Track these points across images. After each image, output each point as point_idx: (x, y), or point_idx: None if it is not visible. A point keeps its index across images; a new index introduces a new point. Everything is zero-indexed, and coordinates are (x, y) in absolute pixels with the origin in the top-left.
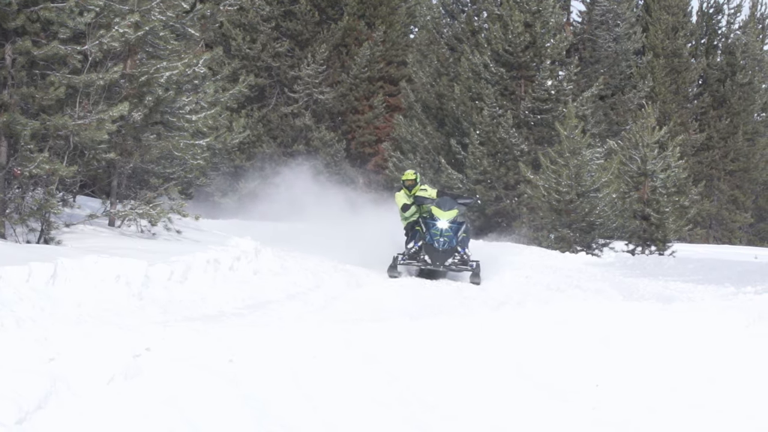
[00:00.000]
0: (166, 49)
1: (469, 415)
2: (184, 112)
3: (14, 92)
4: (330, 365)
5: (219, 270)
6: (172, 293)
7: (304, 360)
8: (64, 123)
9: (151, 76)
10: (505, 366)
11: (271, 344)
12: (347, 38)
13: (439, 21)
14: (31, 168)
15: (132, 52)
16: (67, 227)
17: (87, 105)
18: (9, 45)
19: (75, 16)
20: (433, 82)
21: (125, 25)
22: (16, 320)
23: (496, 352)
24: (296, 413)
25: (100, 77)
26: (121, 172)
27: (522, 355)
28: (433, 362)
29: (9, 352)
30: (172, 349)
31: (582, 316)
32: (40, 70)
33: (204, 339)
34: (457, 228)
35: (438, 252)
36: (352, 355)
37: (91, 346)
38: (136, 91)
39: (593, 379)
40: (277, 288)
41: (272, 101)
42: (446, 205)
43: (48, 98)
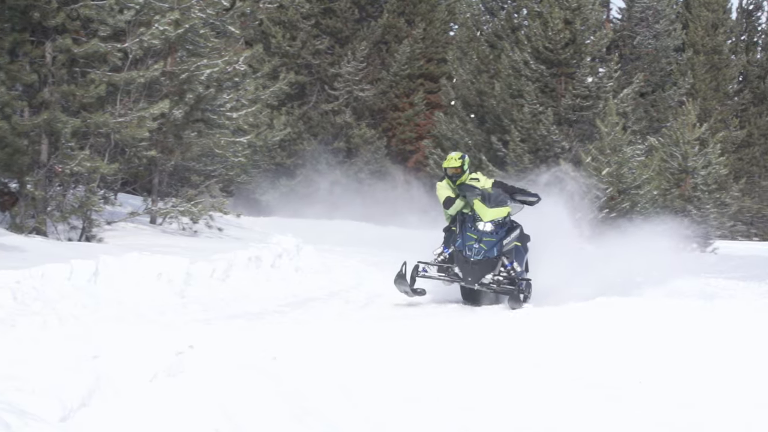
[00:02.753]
0: (206, 46)
1: (516, 414)
2: (224, 110)
3: (55, 90)
4: (371, 363)
5: (261, 267)
6: (213, 291)
7: (345, 358)
8: (104, 121)
9: (191, 73)
10: (550, 365)
11: (314, 342)
12: (387, 35)
13: (478, 18)
14: (72, 166)
15: (172, 50)
16: (108, 225)
17: (128, 103)
18: (49, 43)
19: (115, 14)
20: (474, 79)
21: (165, 23)
22: (59, 318)
23: (541, 351)
24: (338, 411)
25: (140, 75)
26: (162, 170)
27: (566, 353)
28: (474, 360)
29: (53, 349)
30: (215, 346)
31: (624, 313)
32: (80, 68)
33: (247, 337)
34: (504, 233)
35: (469, 264)
36: (393, 353)
37: (135, 343)
38: (177, 88)
39: (636, 376)
40: (319, 285)
41: (313, 98)
42: (494, 199)
43: (88, 96)
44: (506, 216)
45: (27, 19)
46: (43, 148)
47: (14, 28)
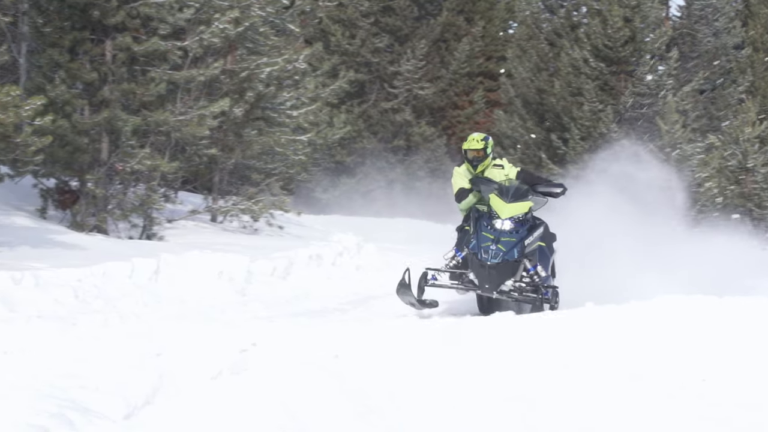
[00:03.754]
0: (266, 44)
1: (578, 412)
2: (284, 108)
3: (115, 88)
4: (433, 362)
5: (321, 266)
6: (274, 289)
7: (407, 356)
8: (165, 119)
9: (251, 71)
10: (612, 363)
11: (375, 340)
12: (446, 33)
13: (538, 16)
14: (132, 164)
15: (232, 48)
16: (169, 223)
17: (188, 101)
18: (109, 41)
19: (175, 12)
20: (533, 77)
21: (225, 21)
22: (120, 316)
23: (600, 350)
24: (399, 410)
25: (200, 73)
26: (223, 168)
27: (627, 351)
28: (536, 359)
29: (115, 347)
30: (278, 344)
31: (686, 311)
32: (140, 66)
33: (309, 334)
34: (526, 231)
35: (486, 269)
36: (454, 352)
37: (197, 341)
38: (237, 86)
39: (700, 374)
40: (380, 284)
41: (372, 97)
42: (513, 192)
43: (149, 94)
44: (528, 212)
45: (87, 17)
46: (104, 146)
47: (74, 26)
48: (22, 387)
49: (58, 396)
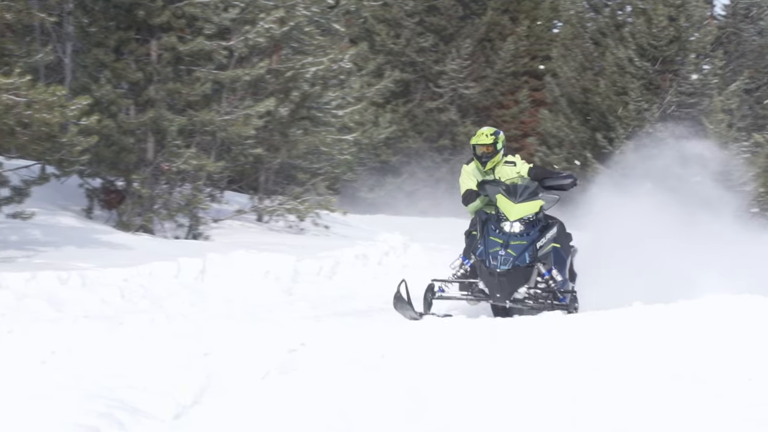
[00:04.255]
0: (311, 44)
1: (623, 411)
2: (330, 108)
3: (160, 88)
4: (481, 361)
5: (368, 265)
6: (320, 288)
7: (454, 356)
8: (210, 119)
9: (296, 71)
10: (658, 363)
11: (422, 339)
12: (491, 33)
13: (582, 15)
14: (178, 164)
15: (277, 48)
16: (215, 222)
17: (233, 100)
18: (154, 41)
19: (220, 12)
20: (578, 76)
21: (270, 21)
22: (167, 316)
23: (647, 349)
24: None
25: (246, 73)
26: (269, 168)
27: (673, 351)
28: (584, 358)
29: (162, 347)
30: (325, 344)
31: (732, 310)
32: (185, 66)
33: (355, 334)
34: (537, 233)
35: (495, 276)
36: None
37: (245, 341)
38: (282, 86)
39: (746, 374)
40: (426, 283)
41: (417, 96)
42: (522, 191)
43: (194, 94)
44: (539, 211)
45: (132, 17)
46: (149, 146)
47: (119, 26)
48: (70, 387)
49: (107, 396)
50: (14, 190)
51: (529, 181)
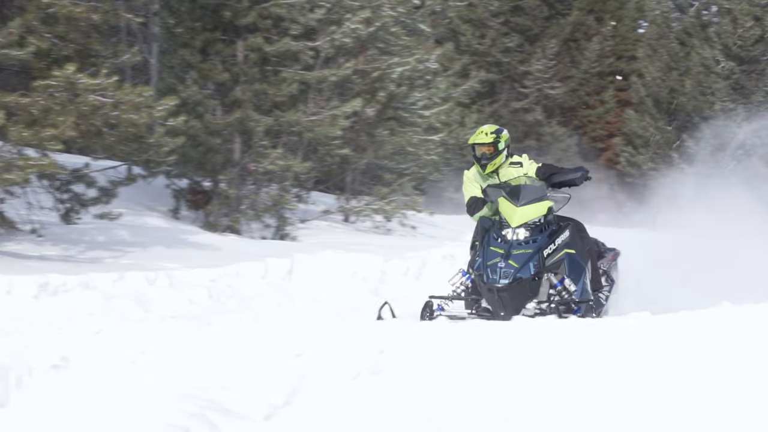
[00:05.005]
0: (397, 44)
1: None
2: (416, 108)
3: (247, 89)
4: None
5: (454, 265)
6: (408, 288)
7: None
8: (297, 119)
9: (383, 71)
10: (751, 363)
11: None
12: (576, 33)
13: (668, 15)
14: (265, 164)
15: (363, 48)
16: (302, 223)
17: (320, 101)
18: (241, 42)
19: (306, 13)
20: (664, 76)
21: (356, 21)
22: (254, 316)
23: (741, 349)
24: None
25: (332, 73)
26: (355, 168)
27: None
28: (676, 358)
29: (252, 347)
30: (415, 344)
31: None
32: (272, 67)
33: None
34: (546, 239)
35: (495, 293)
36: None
37: (335, 341)
38: (369, 86)
39: None
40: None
41: (503, 96)
42: (527, 192)
43: (281, 94)
44: (547, 213)
45: (218, 17)
46: (236, 146)
47: (206, 27)
48: (161, 387)
49: (197, 396)
50: (101, 191)
51: (535, 180)
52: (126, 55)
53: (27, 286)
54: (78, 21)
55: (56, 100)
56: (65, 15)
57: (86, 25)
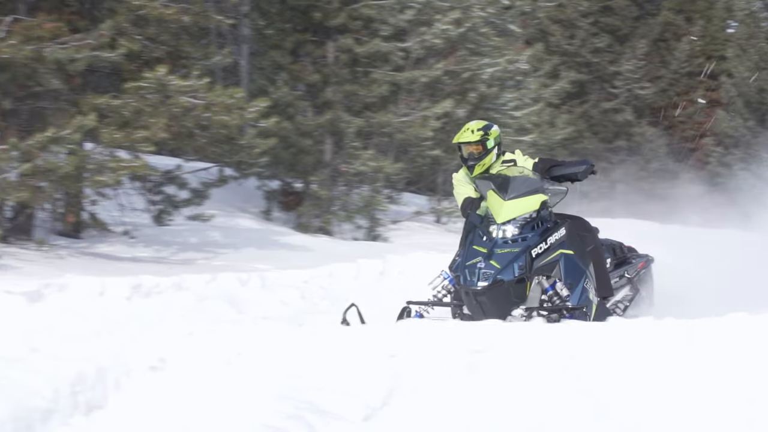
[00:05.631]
0: (487, 45)
1: None
2: (507, 108)
3: (338, 90)
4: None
5: None
6: None
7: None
8: (388, 120)
9: (473, 72)
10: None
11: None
12: (666, 33)
13: (757, 15)
14: (356, 165)
15: (453, 49)
16: (393, 224)
17: (410, 102)
18: (331, 43)
19: (395, 14)
20: (754, 76)
21: (446, 22)
22: None
23: None
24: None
25: (422, 74)
26: (446, 169)
27: None
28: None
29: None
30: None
31: None
32: (362, 68)
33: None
34: (537, 237)
35: (472, 296)
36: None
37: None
38: (459, 87)
39: None
40: None
41: (593, 97)
42: (517, 184)
43: (371, 95)
44: (540, 208)
45: (308, 19)
46: (327, 147)
47: (296, 28)
48: (258, 388)
49: (295, 397)
50: (193, 192)
51: (530, 172)
52: (217, 57)
53: (120, 288)
54: (169, 23)
55: (148, 101)
56: (156, 17)
57: (177, 26)
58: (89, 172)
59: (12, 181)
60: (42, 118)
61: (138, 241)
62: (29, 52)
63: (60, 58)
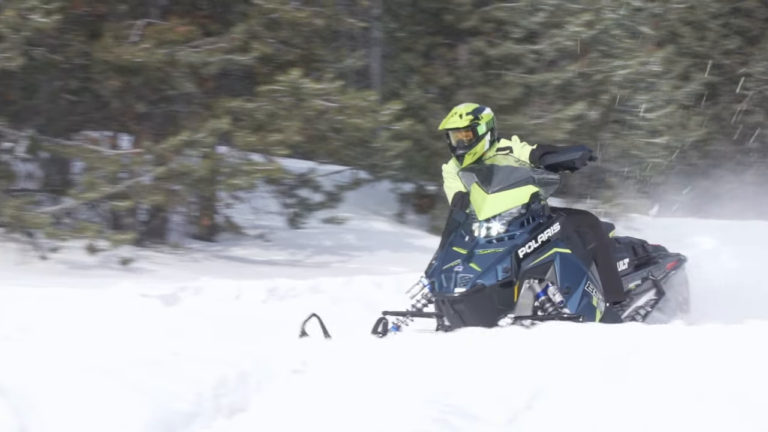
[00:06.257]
0: (619, 47)
1: None
2: (639, 111)
3: (470, 92)
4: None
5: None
6: None
7: None
8: (521, 122)
9: (606, 74)
10: None
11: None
12: None
13: None
14: None
15: (585, 51)
16: None
17: (542, 104)
18: (463, 45)
19: (527, 16)
20: None
21: (578, 24)
22: None
23: None
24: None
25: (555, 76)
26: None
27: None
28: None
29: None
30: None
31: None
32: (494, 70)
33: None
34: (527, 234)
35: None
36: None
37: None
38: (591, 89)
39: None
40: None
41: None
42: (502, 176)
43: (504, 98)
44: (530, 202)
45: (440, 21)
46: None
47: (427, 30)
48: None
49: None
50: (327, 195)
51: (521, 162)
52: (349, 60)
53: (256, 291)
54: (301, 26)
55: (281, 105)
56: (288, 20)
57: (309, 30)
58: (223, 176)
59: (146, 184)
60: (175, 121)
61: (273, 244)
62: (162, 56)
63: (193, 62)
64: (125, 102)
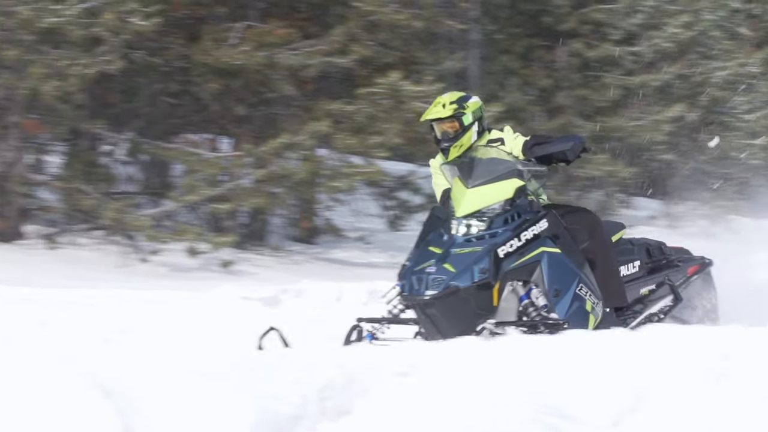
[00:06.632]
0: (717, 48)
1: None
2: (738, 112)
3: (569, 95)
4: None
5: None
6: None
7: None
8: (619, 125)
9: (704, 76)
10: None
11: None
12: None
13: None
14: (589, 169)
15: (683, 53)
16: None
17: (641, 106)
18: (561, 47)
19: (625, 18)
20: None
21: (676, 26)
22: None
23: None
24: None
25: (653, 78)
26: (679, 173)
27: None
28: None
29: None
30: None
31: None
32: (592, 72)
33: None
34: (511, 232)
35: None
36: None
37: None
38: (690, 91)
39: None
40: None
41: None
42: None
43: (603, 100)
44: (515, 197)
45: (538, 23)
46: None
47: (526, 32)
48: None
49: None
50: (427, 198)
51: (509, 155)
52: (448, 62)
53: (357, 293)
54: (400, 28)
55: (381, 107)
56: (387, 22)
57: (408, 32)
58: (323, 178)
59: (247, 187)
60: (275, 124)
61: (373, 246)
62: (261, 59)
63: (292, 64)
64: (225, 105)
